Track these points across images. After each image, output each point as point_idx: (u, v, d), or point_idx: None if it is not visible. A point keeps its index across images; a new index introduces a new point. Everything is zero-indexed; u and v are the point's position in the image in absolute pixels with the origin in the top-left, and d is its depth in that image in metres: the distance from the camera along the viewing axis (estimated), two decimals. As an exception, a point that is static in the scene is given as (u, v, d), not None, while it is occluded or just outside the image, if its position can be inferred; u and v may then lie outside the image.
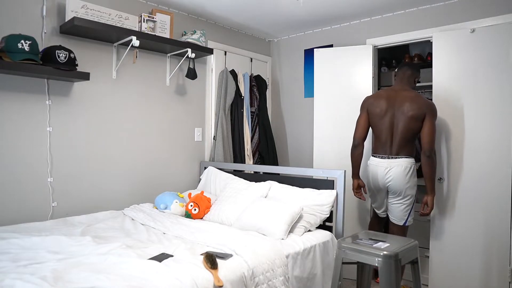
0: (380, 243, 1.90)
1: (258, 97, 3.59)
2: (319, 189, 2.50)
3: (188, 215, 2.58)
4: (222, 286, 1.54)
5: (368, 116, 2.64)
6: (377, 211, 2.73)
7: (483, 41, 2.60)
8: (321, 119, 3.24)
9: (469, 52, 2.67)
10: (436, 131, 2.58)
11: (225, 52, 3.47)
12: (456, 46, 2.72)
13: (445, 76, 2.75)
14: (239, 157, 3.35)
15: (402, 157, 2.51)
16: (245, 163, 3.38)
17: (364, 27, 3.25)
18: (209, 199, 2.64)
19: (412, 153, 2.55)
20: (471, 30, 2.66)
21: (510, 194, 2.50)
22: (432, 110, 2.47)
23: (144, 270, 1.52)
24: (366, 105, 2.65)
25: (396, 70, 2.73)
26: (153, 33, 2.66)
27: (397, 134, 2.52)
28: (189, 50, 2.81)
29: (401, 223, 2.59)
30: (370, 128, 2.67)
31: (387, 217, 2.70)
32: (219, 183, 2.95)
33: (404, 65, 2.68)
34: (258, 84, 3.61)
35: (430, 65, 2.99)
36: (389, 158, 2.53)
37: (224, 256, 1.74)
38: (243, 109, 3.42)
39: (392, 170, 2.50)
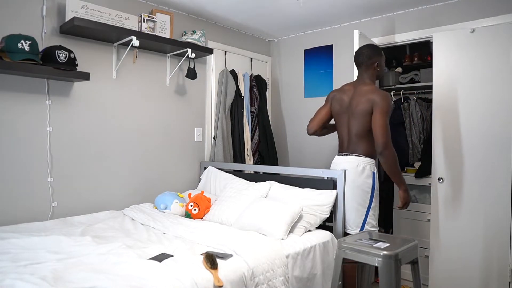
0: (380, 243, 1.90)
1: (258, 97, 3.59)
2: (319, 189, 2.50)
3: (188, 215, 2.58)
4: (222, 286, 1.54)
5: (330, 111, 2.55)
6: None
7: (483, 41, 2.60)
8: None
9: (469, 52, 2.67)
10: (433, 130, 2.55)
11: (225, 52, 3.47)
12: (456, 46, 2.72)
13: (445, 76, 2.75)
14: (239, 157, 3.35)
15: (353, 155, 2.37)
16: (245, 163, 3.38)
17: (364, 27, 3.24)
18: (209, 199, 2.64)
19: (367, 152, 2.36)
20: (471, 30, 2.66)
21: (510, 194, 2.50)
22: (379, 102, 2.24)
23: (144, 270, 1.52)
24: (330, 99, 2.57)
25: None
26: (153, 33, 2.66)
27: (350, 131, 2.39)
28: (189, 50, 2.81)
29: (356, 231, 2.34)
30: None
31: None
32: (219, 183, 2.95)
33: (356, 51, 2.49)
34: (258, 84, 3.61)
35: (430, 65, 2.99)
36: (342, 156, 2.44)
37: (224, 256, 1.74)
38: (243, 109, 3.42)
39: (342, 166, 2.41)
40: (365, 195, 2.34)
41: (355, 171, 2.34)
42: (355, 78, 3.28)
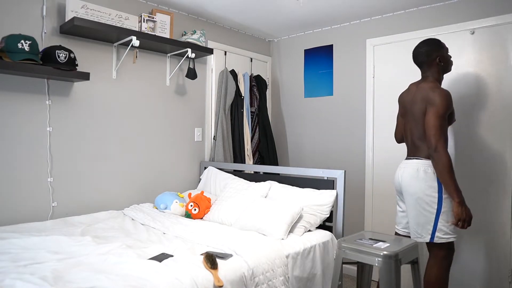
0: (380, 243, 1.90)
1: (258, 97, 3.59)
2: (319, 189, 2.50)
3: (188, 215, 2.58)
4: (222, 286, 1.54)
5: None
6: (396, 226, 2.40)
7: (483, 41, 2.60)
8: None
9: (469, 53, 2.68)
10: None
11: (225, 52, 3.47)
12: (457, 47, 2.72)
13: (446, 76, 2.75)
14: (239, 157, 3.35)
15: (414, 158, 2.21)
16: (245, 163, 3.38)
17: (364, 27, 3.25)
18: (209, 199, 2.64)
19: (429, 155, 2.16)
20: (471, 32, 2.66)
21: (510, 193, 2.50)
22: (433, 102, 2.09)
23: (144, 270, 1.52)
24: (399, 101, 2.43)
25: None
26: (153, 33, 2.66)
27: (412, 133, 2.25)
28: (189, 50, 2.81)
29: (427, 239, 2.13)
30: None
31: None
32: (219, 183, 2.95)
33: (413, 51, 2.31)
34: (258, 84, 3.61)
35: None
36: (406, 160, 2.28)
37: (224, 256, 1.74)
38: (243, 109, 3.42)
39: (402, 171, 2.25)
40: (430, 199, 2.11)
41: (414, 176, 2.15)
42: (355, 78, 3.31)
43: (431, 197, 2.11)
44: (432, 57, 2.21)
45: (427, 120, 2.09)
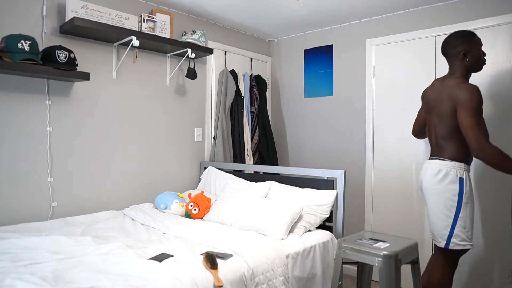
0: (380, 243, 1.90)
1: (258, 97, 3.59)
2: (319, 189, 2.50)
3: (188, 215, 2.58)
4: (222, 286, 1.54)
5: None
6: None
7: (483, 41, 2.60)
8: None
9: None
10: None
11: (225, 52, 3.47)
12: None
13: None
14: (239, 157, 3.35)
15: (437, 159, 2.10)
16: (245, 163, 3.38)
17: (364, 27, 3.25)
18: (209, 199, 2.64)
19: (453, 155, 2.05)
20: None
21: (510, 193, 2.50)
22: (462, 99, 1.95)
23: (144, 270, 1.52)
24: (422, 97, 2.33)
25: None
26: (153, 33, 2.66)
27: (436, 132, 2.13)
28: (189, 50, 2.81)
29: (442, 244, 2.07)
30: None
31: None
32: (219, 183, 2.95)
33: (443, 41, 2.16)
34: (258, 84, 3.61)
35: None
36: (429, 160, 2.18)
37: (224, 256, 1.74)
38: (243, 109, 3.42)
39: (423, 171, 2.17)
40: (450, 203, 2.02)
41: (434, 177, 2.06)
42: (355, 78, 3.31)
43: (451, 200, 2.01)
44: (456, 50, 2.06)
45: (461, 122, 1.95)
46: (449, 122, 2.02)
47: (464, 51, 2.05)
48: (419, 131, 2.44)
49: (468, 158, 2.07)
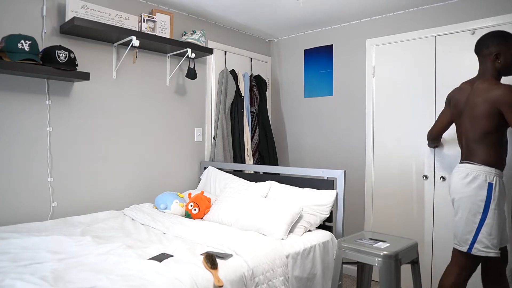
0: (380, 243, 1.90)
1: (258, 97, 3.59)
2: (319, 189, 2.50)
3: (188, 215, 2.58)
4: (222, 286, 1.54)
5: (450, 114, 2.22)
6: None
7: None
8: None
9: (469, 54, 2.68)
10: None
11: (225, 52, 3.47)
12: (457, 48, 2.73)
13: (447, 77, 2.76)
14: (239, 157, 3.35)
15: (467, 163, 2.04)
16: (245, 163, 3.38)
17: (364, 27, 3.25)
18: (209, 199, 2.64)
19: (484, 160, 1.98)
20: (472, 32, 2.66)
21: (510, 193, 2.50)
22: (505, 100, 1.88)
23: (144, 270, 1.52)
24: (448, 100, 2.24)
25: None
26: (153, 33, 2.66)
27: (467, 136, 2.06)
28: (189, 50, 2.81)
29: (464, 248, 2.00)
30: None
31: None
32: (219, 183, 2.95)
33: (478, 39, 2.07)
34: (258, 84, 3.61)
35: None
36: (459, 163, 2.11)
37: (224, 256, 1.74)
38: (243, 109, 3.42)
39: (453, 175, 2.11)
40: (475, 208, 1.96)
41: (462, 181, 2.01)
42: (355, 78, 3.31)
43: (476, 205, 1.95)
44: (489, 50, 1.98)
45: (511, 121, 1.88)
46: (483, 125, 1.96)
47: (496, 52, 1.98)
48: (436, 136, 2.36)
49: (501, 162, 2.00)
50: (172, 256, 1.70)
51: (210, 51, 2.99)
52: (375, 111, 3.17)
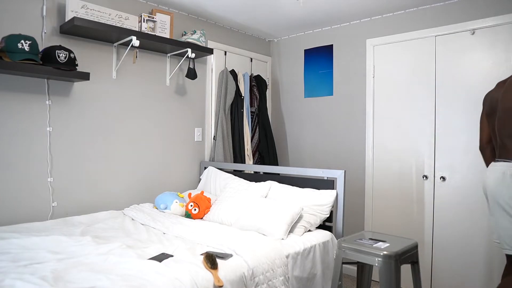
0: (380, 243, 1.90)
1: (258, 97, 3.59)
2: (319, 189, 2.50)
3: (188, 215, 2.58)
4: (222, 286, 1.54)
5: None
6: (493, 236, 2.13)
7: (484, 41, 2.60)
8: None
9: (469, 54, 2.68)
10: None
11: (225, 52, 3.47)
12: (457, 48, 2.72)
13: (447, 77, 2.75)
14: (239, 157, 3.35)
15: (502, 161, 1.97)
16: (245, 163, 3.38)
17: (364, 27, 3.25)
18: (209, 199, 2.64)
19: None
20: (471, 32, 2.66)
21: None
22: None
23: (144, 270, 1.52)
24: (484, 102, 2.17)
25: None
26: (153, 33, 2.66)
27: (501, 133, 2.00)
28: (189, 50, 2.81)
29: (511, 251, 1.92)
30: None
31: None
32: (219, 183, 2.95)
33: None
34: (258, 84, 3.61)
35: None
36: (494, 162, 2.04)
37: (224, 256, 1.74)
38: (243, 109, 3.42)
39: (488, 174, 2.03)
40: None
41: (499, 180, 1.92)
42: (355, 78, 3.31)
43: None
44: None
45: None
46: None
47: None
48: (487, 142, 2.20)
49: None
50: (172, 256, 1.70)
51: (210, 51, 2.99)
52: (375, 111, 3.17)
